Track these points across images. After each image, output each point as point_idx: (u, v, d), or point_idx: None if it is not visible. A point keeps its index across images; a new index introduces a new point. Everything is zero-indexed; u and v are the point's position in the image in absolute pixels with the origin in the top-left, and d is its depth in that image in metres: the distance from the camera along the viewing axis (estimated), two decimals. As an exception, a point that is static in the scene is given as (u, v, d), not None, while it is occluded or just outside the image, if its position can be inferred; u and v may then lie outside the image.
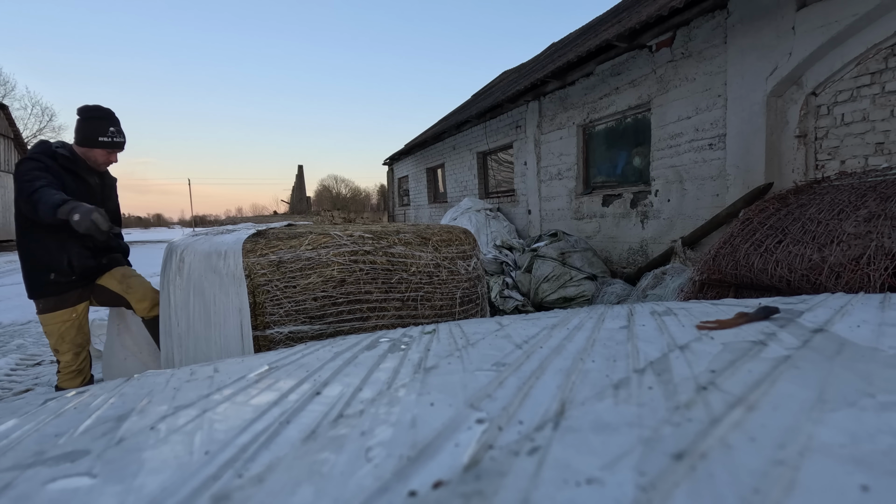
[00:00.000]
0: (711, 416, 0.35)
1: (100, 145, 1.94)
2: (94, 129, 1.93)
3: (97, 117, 1.95)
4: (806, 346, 0.51)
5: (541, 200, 6.51)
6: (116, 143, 1.99)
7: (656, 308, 0.78)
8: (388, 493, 0.29)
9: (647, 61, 4.56)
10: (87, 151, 1.94)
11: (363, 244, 1.54)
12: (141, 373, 0.64)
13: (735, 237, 2.03)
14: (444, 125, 9.82)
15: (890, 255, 1.42)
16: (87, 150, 1.94)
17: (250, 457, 0.35)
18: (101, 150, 1.96)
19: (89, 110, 1.97)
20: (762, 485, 0.27)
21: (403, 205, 13.13)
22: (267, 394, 0.49)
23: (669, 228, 4.48)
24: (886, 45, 2.88)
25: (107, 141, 1.95)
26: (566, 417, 0.37)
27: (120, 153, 2.07)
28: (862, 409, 0.35)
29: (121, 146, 2.01)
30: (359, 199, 42.29)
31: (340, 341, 0.71)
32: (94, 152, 1.95)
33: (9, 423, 0.47)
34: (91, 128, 1.93)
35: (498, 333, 0.68)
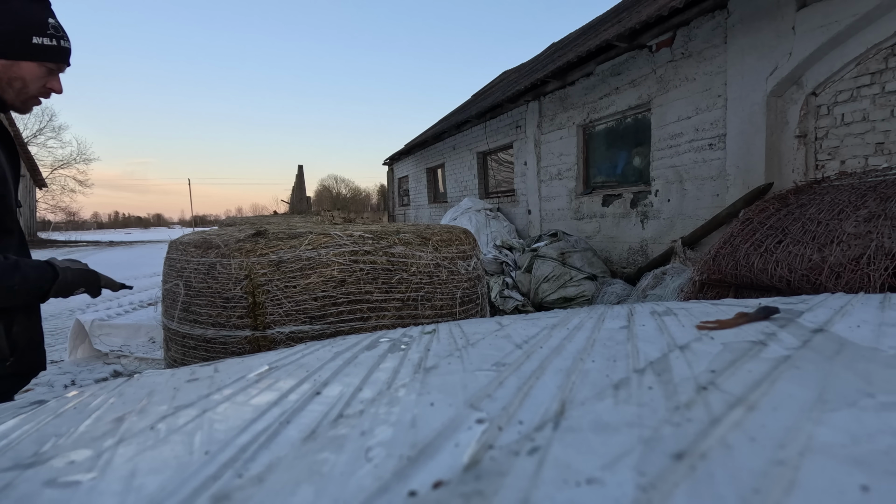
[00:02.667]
0: (711, 416, 0.35)
1: (38, 53, 0.98)
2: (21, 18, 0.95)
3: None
4: (806, 346, 0.51)
5: (541, 200, 6.51)
6: (64, 51, 1.03)
7: (656, 308, 0.78)
8: (388, 493, 0.29)
9: (647, 61, 4.56)
10: (9, 69, 0.96)
11: (363, 244, 1.54)
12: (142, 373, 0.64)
13: (735, 237, 2.03)
14: (444, 125, 9.83)
15: (890, 255, 1.42)
16: (9, 67, 0.96)
17: (250, 457, 0.35)
18: (38, 66, 0.99)
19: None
20: (762, 485, 0.27)
21: (403, 205, 13.13)
22: (267, 394, 0.49)
23: (669, 228, 4.48)
24: (886, 45, 2.88)
25: (49, 45, 0.99)
26: (566, 417, 0.37)
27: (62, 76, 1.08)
28: (862, 409, 0.35)
29: (68, 55, 1.05)
30: (359, 199, 42.31)
31: (340, 341, 0.71)
32: (23, 69, 0.97)
33: (9, 423, 0.47)
34: (14, 14, 0.95)
35: (498, 333, 0.68)
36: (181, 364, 1.61)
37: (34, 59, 0.98)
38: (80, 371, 3.21)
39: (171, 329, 1.69)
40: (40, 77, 1.00)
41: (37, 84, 1.01)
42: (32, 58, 0.97)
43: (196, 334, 1.55)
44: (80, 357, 3.53)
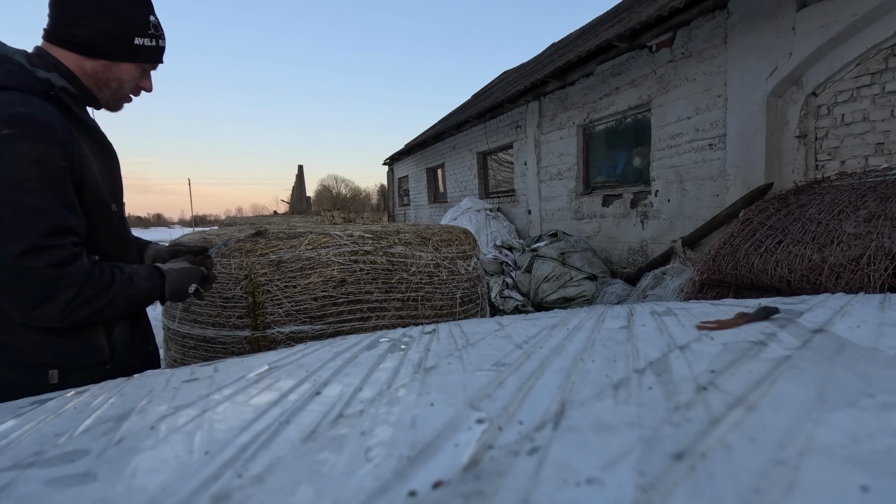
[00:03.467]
0: (711, 416, 0.35)
1: (135, 55, 0.95)
2: (125, 18, 0.91)
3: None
4: (806, 346, 0.51)
5: (541, 200, 6.51)
6: (161, 50, 1.00)
7: (656, 308, 0.78)
8: (388, 493, 0.29)
9: (647, 61, 4.57)
10: (108, 69, 0.93)
11: (363, 244, 1.54)
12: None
13: (735, 237, 2.03)
14: (444, 125, 9.83)
15: (890, 255, 1.42)
16: (109, 68, 0.93)
17: (250, 457, 0.35)
18: (135, 67, 0.97)
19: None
20: (762, 485, 0.27)
21: (403, 205, 13.13)
22: (267, 394, 0.49)
23: (669, 228, 4.48)
24: (886, 45, 2.88)
25: (149, 46, 0.96)
26: (566, 417, 0.37)
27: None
28: (862, 409, 0.35)
29: (162, 54, 1.02)
30: (359, 199, 42.32)
31: (340, 341, 0.71)
32: (122, 70, 0.95)
33: (8, 422, 0.47)
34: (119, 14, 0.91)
35: (498, 333, 0.68)
36: (181, 364, 1.61)
37: (134, 60, 0.96)
38: (80, 371, 3.20)
39: (171, 329, 1.69)
40: (135, 77, 0.99)
41: (131, 84, 0.99)
42: (132, 59, 0.95)
43: (196, 334, 1.55)
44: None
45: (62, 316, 0.84)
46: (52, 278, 0.81)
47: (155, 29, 0.97)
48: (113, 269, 0.91)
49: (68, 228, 0.84)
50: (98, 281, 0.87)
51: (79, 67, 0.91)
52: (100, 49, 0.91)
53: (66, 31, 0.89)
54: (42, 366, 0.88)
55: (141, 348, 1.09)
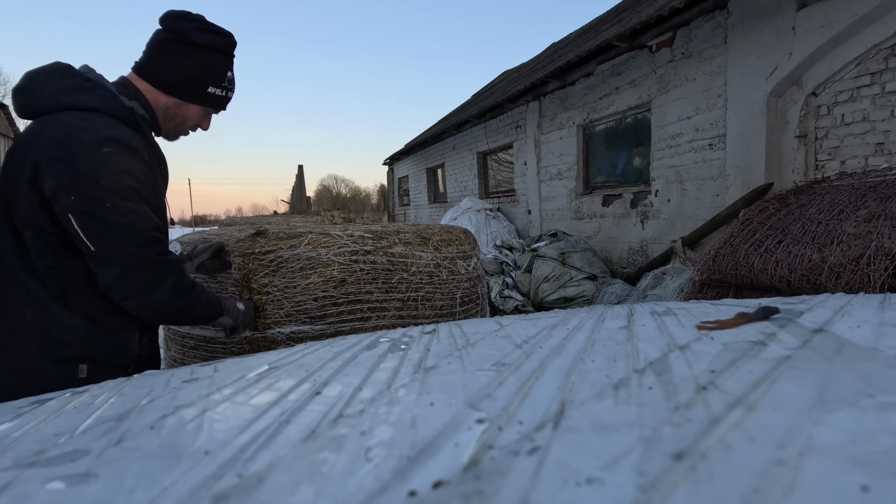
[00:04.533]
0: (711, 416, 0.35)
1: (207, 100, 1.08)
2: (206, 69, 1.04)
3: (216, 48, 1.05)
4: (806, 346, 0.51)
5: (541, 200, 6.51)
6: (227, 100, 1.14)
7: (656, 308, 0.78)
8: (388, 492, 0.29)
9: (647, 61, 4.57)
10: (178, 107, 1.06)
11: (363, 244, 1.54)
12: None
13: (735, 237, 2.03)
14: (444, 125, 9.83)
15: (890, 255, 1.42)
16: (179, 106, 1.06)
17: (250, 457, 0.35)
18: (201, 109, 1.10)
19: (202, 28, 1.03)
20: (762, 485, 0.27)
21: (403, 205, 13.13)
22: (267, 394, 0.49)
23: (669, 228, 4.48)
24: (886, 45, 2.88)
25: (219, 95, 1.09)
26: (566, 417, 0.37)
27: None
28: (862, 409, 0.35)
29: (227, 103, 1.16)
30: (359, 199, 42.32)
31: (340, 341, 0.71)
32: (189, 110, 1.08)
33: (8, 422, 0.47)
34: (203, 65, 1.04)
35: (498, 333, 0.68)
36: (181, 364, 1.61)
37: (202, 104, 1.10)
38: (80, 371, 3.20)
39: (171, 329, 1.69)
40: (198, 117, 1.12)
41: (192, 122, 1.13)
42: (201, 103, 1.09)
43: (196, 334, 1.55)
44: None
45: (168, 300, 0.97)
46: (163, 263, 0.96)
47: (229, 83, 1.12)
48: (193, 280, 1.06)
49: (161, 228, 0.99)
50: (185, 277, 1.02)
51: (154, 100, 1.05)
52: (177, 90, 1.05)
53: (153, 69, 1.03)
54: (75, 360, 0.96)
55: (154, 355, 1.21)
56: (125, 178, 0.90)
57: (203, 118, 1.14)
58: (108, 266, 0.90)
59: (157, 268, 0.95)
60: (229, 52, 1.10)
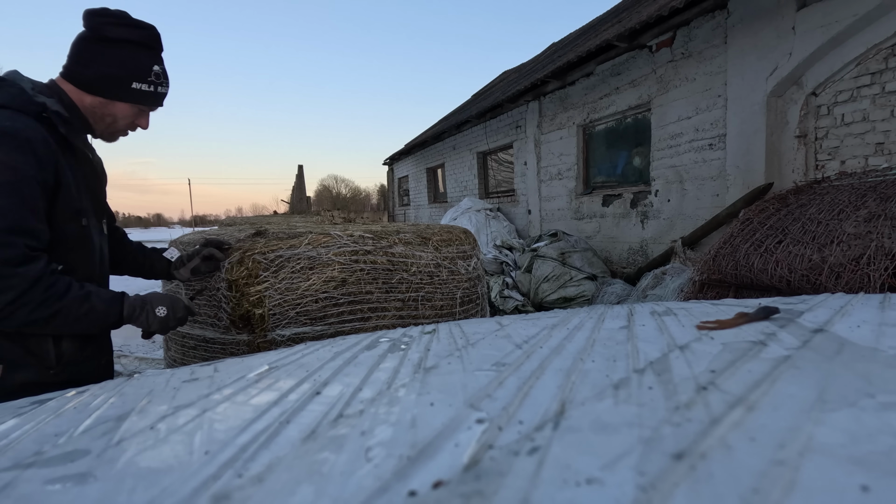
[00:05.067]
0: (711, 416, 0.35)
1: (133, 97, 1.04)
2: (127, 65, 1.01)
3: (136, 42, 1.02)
4: (806, 346, 0.51)
5: (541, 200, 6.51)
6: (159, 96, 1.10)
7: (656, 308, 0.78)
8: (388, 492, 0.29)
9: (647, 61, 4.57)
10: (104, 106, 1.03)
11: (364, 244, 1.54)
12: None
13: (735, 237, 2.03)
14: (444, 125, 9.83)
15: (890, 255, 1.42)
16: (105, 105, 1.03)
17: (250, 457, 0.35)
18: (130, 107, 1.06)
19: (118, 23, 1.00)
20: (762, 485, 0.27)
21: (403, 205, 13.13)
22: (267, 394, 0.49)
23: (669, 228, 4.48)
24: (886, 45, 2.88)
25: (146, 91, 1.05)
26: (566, 417, 0.37)
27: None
28: (862, 409, 0.35)
29: (162, 99, 1.12)
30: (359, 199, 42.33)
31: (340, 341, 0.71)
32: (117, 108, 1.04)
33: (8, 422, 0.47)
34: (122, 60, 1.01)
35: (498, 333, 0.68)
36: (181, 364, 1.61)
37: (129, 101, 1.05)
38: (80, 371, 3.21)
39: (171, 329, 1.69)
40: (130, 115, 1.08)
41: (125, 121, 1.08)
42: (127, 100, 1.05)
43: (196, 334, 1.55)
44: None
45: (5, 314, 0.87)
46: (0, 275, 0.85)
47: (156, 77, 1.07)
48: (71, 283, 0.95)
49: (27, 231, 0.88)
50: (48, 288, 0.90)
51: (80, 101, 1.02)
52: (99, 88, 1.02)
53: (73, 68, 1.01)
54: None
55: (93, 360, 1.11)
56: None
57: (137, 116, 1.09)
58: None
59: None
60: (152, 45, 1.05)
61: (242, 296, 1.40)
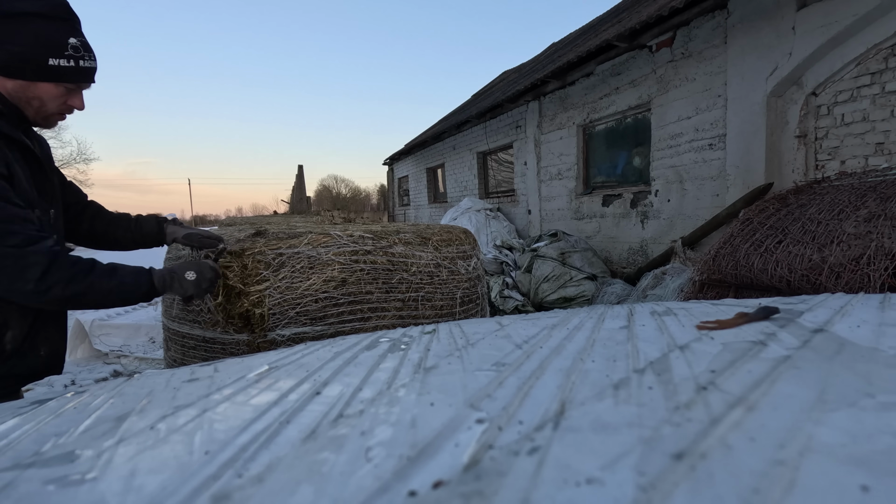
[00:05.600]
0: (711, 416, 0.35)
1: (54, 75, 0.96)
2: (37, 40, 0.93)
3: (42, 14, 0.93)
4: (806, 346, 0.51)
5: (541, 200, 6.51)
6: (84, 71, 1.01)
7: (656, 308, 0.78)
8: (388, 492, 0.29)
9: (647, 61, 4.57)
10: (27, 89, 0.96)
11: (364, 244, 1.54)
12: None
13: (735, 237, 2.03)
14: (444, 125, 9.82)
15: (890, 255, 1.42)
16: (27, 87, 0.96)
17: (250, 457, 0.35)
18: (55, 86, 0.98)
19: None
20: (762, 485, 0.27)
21: (403, 205, 13.13)
22: (267, 394, 0.49)
23: (669, 228, 4.48)
24: (886, 45, 2.88)
25: (66, 66, 0.97)
26: (566, 417, 0.37)
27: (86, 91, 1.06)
28: (862, 409, 0.35)
29: (89, 75, 1.03)
30: (359, 199, 42.33)
31: (340, 341, 0.71)
32: (40, 89, 0.97)
33: (8, 422, 0.47)
34: (31, 36, 0.92)
35: (498, 333, 0.68)
36: (181, 364, 1.61)
37: (50, 80, 0.97)
38: (80, 371, 3.21)
39: (171, 329, 1.69)
40: (58, 96, 1.00)
41: (55, 103, 1.01)
42: (48, 79, 0.97)
43: (196, 334, 1.55)
44: (80, 357, 3.53)
45: (38, 291, 0.90)
46: (16, 256, 0.88)
47: (75, 51, 0.98)
48: (94, 260, 0.98)
49: (24, 218, 0.91)
50: (73, 265, 0.93)
51: (2, 87, 0.95)
52: (13, 70, 0.94)
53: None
54: None
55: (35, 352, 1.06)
56: None
57: (69, 96, 1.02)
58: None
59: (11, 260, 0.88)
60: (62, 15, 0.96)
61: (242, 295, 1.40)
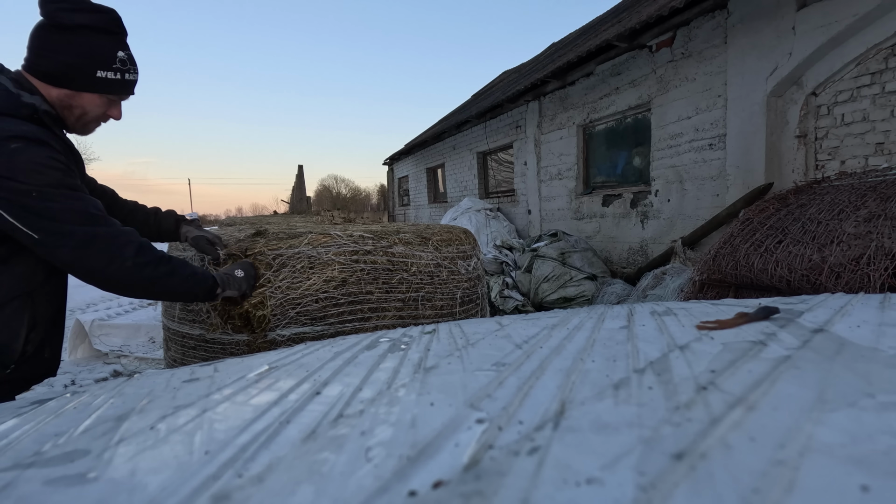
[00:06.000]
0: (711, 416, 0.35)
1: (100, 86, 0.99)
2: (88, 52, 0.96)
3: (95, 28, 0.96)
4: (806, 346, 0.51)
5: (541, 200, 6.51)
6: (128, 84, 1.04)
7: (656, 308, 0.78)
8: (388, 492, 0.29)
9: (647, 61, 4.56)
10: (72, 98, 0.98)
11: (364, 244, 1.54)
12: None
13: (735, 237, 2.03)
14: (444, 125, 9.82)
15: (890, 255, 1.42)
16: (72, 96, 0.98)
17: (250, 457, 0.35)
18: (99, 97, 1.01)
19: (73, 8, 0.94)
20: (762, 485, 0.27)
21: (403, 205, 13.13)
22: (267, 394, 0.49)
23: (669, 228, 4.48)
24: (886, 45, 2.88)
25: (113, 79, 1.00)
26: (566, 417, 0.37)
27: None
28: (862, 409, 0.35)
29: (131, 87, 1.06)
30: (359, 199, 42.33)
31: (340, 341, 0.71)
32: (84, 99, 0.99)
33: (8, 422, 0.47)
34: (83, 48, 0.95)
35: (498, 333, 0.68)
36: (181, 364, 1.61)
37: (95, 91, 1.01)
38: (80, 371, 3.21)
39: (171, 329, 1.69)
40: (100, 106, 1.04)
41: (96, 112, 1.04)
42: (94, 90, 1.00)
43: (196, 334, 1.55)
44: (80, 357, 3.53)
45: (136, 269, 0.97)
46: (113, 235, 0.96)
47: (122, 64, 1.02)
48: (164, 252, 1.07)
49: (97, 205, 0.98)
50: (155, 250, 1.02)
51: (47, 94, 0.98)
52: (61, 79, 0.97)
53: (34, 61, 0.97)
54: None
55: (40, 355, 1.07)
56: (40, 168, 0.89)
57: (108, 107, 1.05)
58: (58, 248, 0.91)
59: (109, 240, 0.95)
60: (114, 29, 0.99)
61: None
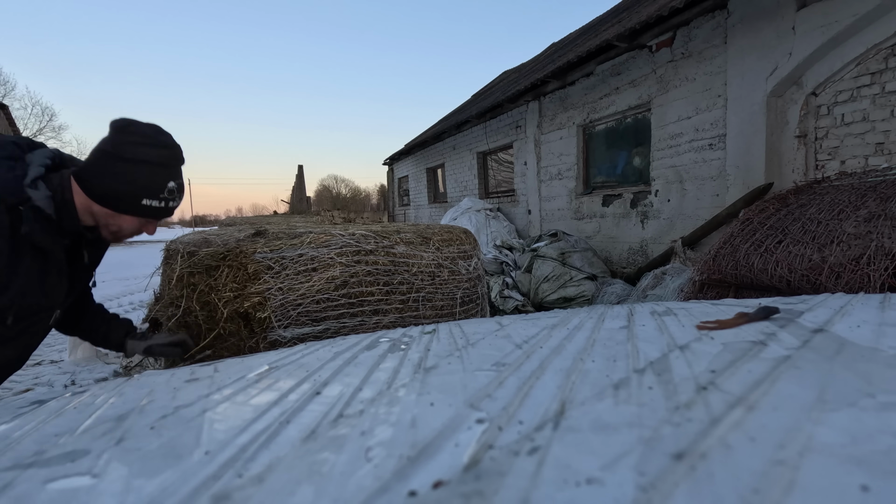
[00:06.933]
0: (711, 416, 0.35)
1: (141, 212, 1.01)
2: (140, 182, 0.99)
3: (154, 162, 0.99)
4: (806, 346, 0.51)
5: (541, 200, 6.51)
6: (169, 210, 1.07)
7: (656, 308, 0.78)
8: (388, 492, 0.29)
9: (647, 61, 4.56)
10: (111, 217, 1.01)
11: (365, 244, 1.54)
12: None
13: (735, 237, 2.03)
14: (444, 125, 9.82)
15: (890, 255, 1.42)
16: (112, 216, 1.00)
17: (250, 457, 0.35)
18: (138, 220, 1.03)
19: (141, 142, 0.98)
20: (762, 485, 0.27)
21: (403, 205, 13.13)
22: (267, 394, 0.49)
23: (669, 228, 4.47)
24: (886, 45, 2.88)
25: (156, 206, 1.02)
26: (566, 417, 0.37)
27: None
28: (862, 409, 0.35)
29: (172, 212, 1.09)
30: (359, 199, 42.31)
31: (340, 341, 0.71)
32: (123, 220, 1.02)
33: (9, 422, 0.47)
34: (136, 178, 0.98)
35: (498, 333, 0.68)
36: (181, 364, 1.61)
37: (137, 215, 1.02)
38: (80, 371, 3.21)
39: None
40: (137, 225, 1.05)
41: (131, 230, 1.06)
42: (135, 214, 1.02)
43: (196, 334, 1.55)
44: (80, 357, 3.53)
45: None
46: None
47: (170, 193, 1.04)
48: None
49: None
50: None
51: (86, 206, 0.99)
52: (106, 201, 0.99)
53: (84, 177, 0.98)
54: None
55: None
56: None
57: (145, 225, 1.07)
58: None
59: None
60: (172, 163, 1.03)
61: (241, 297, 1.40)
